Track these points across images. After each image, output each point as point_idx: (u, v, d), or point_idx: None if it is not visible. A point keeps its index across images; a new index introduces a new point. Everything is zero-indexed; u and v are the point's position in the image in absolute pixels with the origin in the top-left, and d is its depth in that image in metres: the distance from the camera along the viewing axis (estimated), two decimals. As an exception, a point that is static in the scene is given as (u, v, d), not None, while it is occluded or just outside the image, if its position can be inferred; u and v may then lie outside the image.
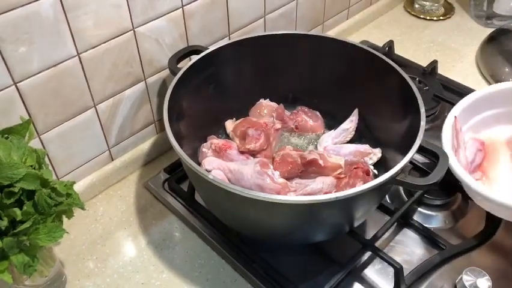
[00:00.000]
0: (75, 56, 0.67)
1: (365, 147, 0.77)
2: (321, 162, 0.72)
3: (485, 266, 0.66)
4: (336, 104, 0.83)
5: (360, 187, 0.55)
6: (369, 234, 0.71)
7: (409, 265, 0.68)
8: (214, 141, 0.77)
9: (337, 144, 0.79)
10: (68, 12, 0.63)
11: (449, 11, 1.24)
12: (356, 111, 0.80)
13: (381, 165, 0.76)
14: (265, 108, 0.83)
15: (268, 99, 0.85)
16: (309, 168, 0.73)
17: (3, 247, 0.51)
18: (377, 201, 0.67)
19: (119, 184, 0.83)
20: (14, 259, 0.52)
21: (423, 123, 0.62)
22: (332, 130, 0.81)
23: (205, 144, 0.77)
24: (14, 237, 0.52)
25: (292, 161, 0.73)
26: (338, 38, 0.78)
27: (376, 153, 0.76)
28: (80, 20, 0.64)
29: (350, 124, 0.80)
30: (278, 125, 0.80)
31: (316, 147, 0.81)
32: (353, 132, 0.80)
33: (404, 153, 0.59)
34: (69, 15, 0.63)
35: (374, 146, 0.77)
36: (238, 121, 0.82)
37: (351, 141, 0.81)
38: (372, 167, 0.75)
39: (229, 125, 0.82)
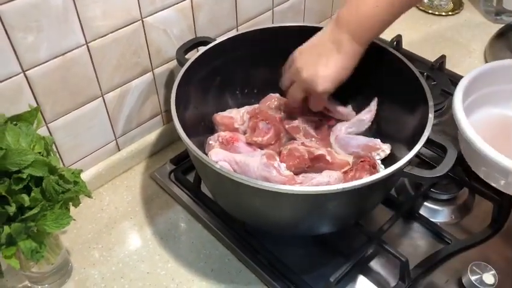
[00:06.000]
0: (83, 45, 0.67)
1: (375, 142, 0.75)
2: (328, 158, 0.72)
3: (491, 261, 0.66)
4: (344, 96, 0.82)
5: (367, 178, 0.54)
6: (375, 227, 0.71)
7: (414, 259, 0.68)
8: (222, 133, 0.77)
9: (349, 135, 0.78)
10: (77, 1, 0.63)
11: (458, 6, 1.23)
12: (374, 101, 0.77)
13: (388, 160, 0.76)
14: (275, 102, 0.83)
15: (277, 94, 0.84)
16: (316, 164, 0.72)
17: (11, 233, 0.52)
18: (383, 194, 0.67)
19: (125, 174, 0.83)
20: (22, 245, 0.53)
21: (431, 115, 0.62)
22: (349, 119, 0.79)
23: (211, 137, 0.77)
24: (22, 223, 0.52)
25: (299, 155, 0.72)
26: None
27: (385, 150, 0.74)
28: (89, 8, 0.64)
29: (367, 115, 0.78)
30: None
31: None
32: (369, 123, 0.77)
33: (412, 146, 0.59)
34: (78, 4, 0.63)
35: (381, 138, 0.77)
36: (251, 108, 0.81)
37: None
38: (379, 162, 0.74)
39: (219, 118, 0.81)
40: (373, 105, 0.78)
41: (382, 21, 0.65)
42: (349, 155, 0.75)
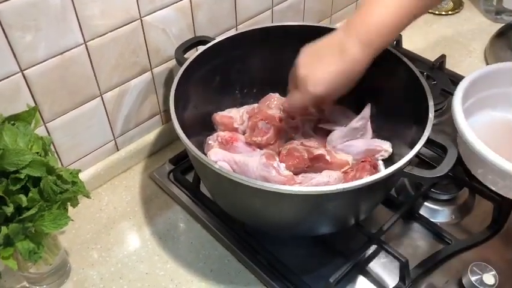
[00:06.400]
0: (82, 44, 0.66)
1: (375, 144, 0.74)
2: (328, 157, 0.71)
3: (492, 261, 0.66)
4: (344, 96, 0.82)
5: (368, 178, 0.54)
6: (375, 228, 0.70)
7: (414, 259, 0.68)
8: (221, 133, 0.76)
9: (346, 143, 0.76)
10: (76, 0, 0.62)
11: (458, 5, 1.22)
12: (367, 108, 0.74)
13: (388, 160, 0.75)
14: (275, 101, 0.82)
15: (277, 93, 0.84)
16: (315, 164, 0.72)
17: (9, 233, 0.51)
18: (383, 194, 0.66)
19: (124, 174, 0.83)
20: (20, 245, 0.52)
21: (431, 115, 0.61)
22: (342, 127, 0.77)
23: (211, 136, 0.77)
24: (19, 224, 0.52)
25: (298, 155, 0.72)
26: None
27: (387, 149, 0.73)
28: (87, 7, 0.64)
29: (360, 122, 0.75)
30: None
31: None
32: (364, 130, 0.75)
33: (412, 146, 0.59)
34: (76, 3, 0.63)
35: (380, 139, 0.76)
36: (251, 107, 0.81)
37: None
38: (381, 163, 0.74)
39: (218, 117, 0.81)
40: (366, 112, 0.75)
41: (391, 25, 0.62)
42: (348, 155, 0.74)
